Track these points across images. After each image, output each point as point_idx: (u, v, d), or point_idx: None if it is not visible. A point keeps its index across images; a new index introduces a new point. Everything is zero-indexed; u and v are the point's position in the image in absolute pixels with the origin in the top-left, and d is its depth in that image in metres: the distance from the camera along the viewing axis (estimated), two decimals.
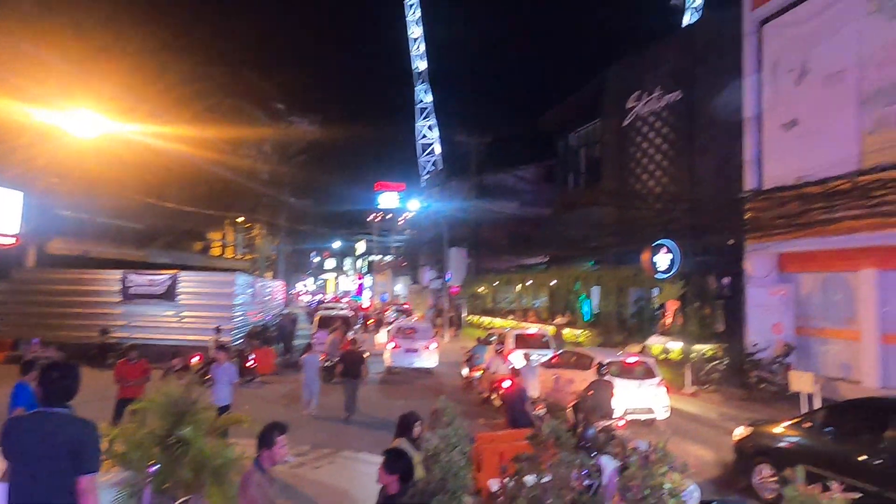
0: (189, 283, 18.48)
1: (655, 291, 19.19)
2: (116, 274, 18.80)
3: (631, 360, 12.17)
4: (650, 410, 11.12)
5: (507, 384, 10.71)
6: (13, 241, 17.38)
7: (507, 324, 25.99)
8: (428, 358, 17.95)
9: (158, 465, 4.46)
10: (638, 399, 11.05)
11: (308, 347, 14.10)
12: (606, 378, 9.86)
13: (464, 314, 34.09)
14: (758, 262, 15.55)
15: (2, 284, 18.75)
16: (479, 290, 33.39)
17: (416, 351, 17.79)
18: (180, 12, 27.37)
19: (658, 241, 16.15)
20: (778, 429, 7.77)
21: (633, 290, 20.15)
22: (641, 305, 20.02)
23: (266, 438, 4.08)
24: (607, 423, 8.19)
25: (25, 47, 16.66)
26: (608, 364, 11.12)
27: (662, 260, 16.06)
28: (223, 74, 30.81)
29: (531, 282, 27.75)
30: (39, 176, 19.96)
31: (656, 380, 11.47)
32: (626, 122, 21.89)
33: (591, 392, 8.95)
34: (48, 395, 3.38)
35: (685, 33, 19.83)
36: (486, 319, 30.18)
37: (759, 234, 15.19)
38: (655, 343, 17.17)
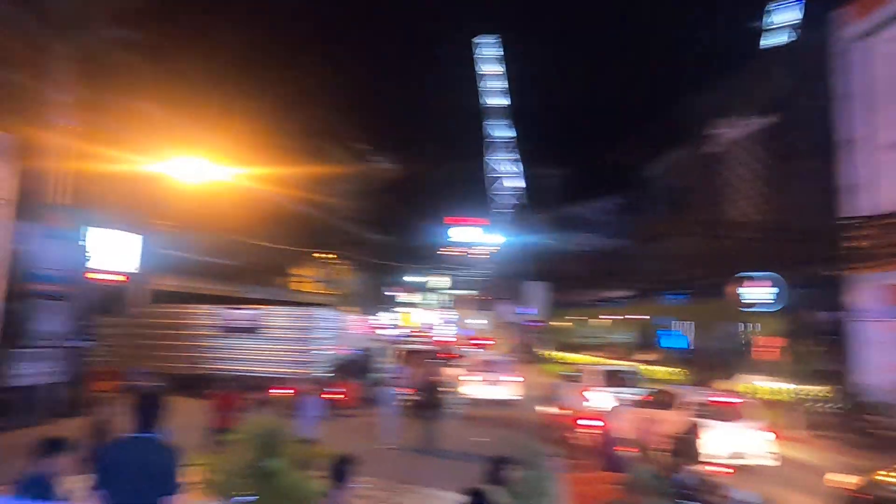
0: (277, 317, 19.22)
1: (753, 326, 18.00)
2: (213, 309, 19.89)
3: (728, 400, 11.37)
4: (752, 456, 10.27)
5: (594, 423, 10.32)
6: (126, 278, 18.96)
7: (589, 359, 25.16)
8: (510, 391, 18.09)
9: (252, 497, 4.58)
10: (737, 443, 10.26)
11: (387, 380, 14.27)
12: (701, 419, 9.25)
13: (545, 349, 33.39)
14: (866, 294, 14.25)
15: (116, 318, 20.33)
16: (561, 324, 32.67)
17: (498, 383, 18.11)
18: (270, 65, 29.45)
19: (751, 273, 15.23)
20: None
21: (726, 324, 19.00)
22: (736, 341, 18.81)
23: (342, 472, 4.03)
24: (704, 468, 7.65)
25: (138, 105, 18.44)
26: (702, 404, 10.47)
27: (756, 292, 15.10)
28: (311, 118, 32.66)
29: (614, 316, 26.85)
30: (151, 219, 21.76)
31: (758, 423, 10.62)
32: (711, 149, 21.05)
33: (686, 434, 8.40)
34: (141, 422, 3.65)
35: (775, 55, 19.00)
36: (568, 355, 29.38)
37: (867, 263, 13.97)
38: (754, 382, 16.00)
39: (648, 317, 23.94)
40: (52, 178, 15.20)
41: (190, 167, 16.99)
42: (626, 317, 25.89)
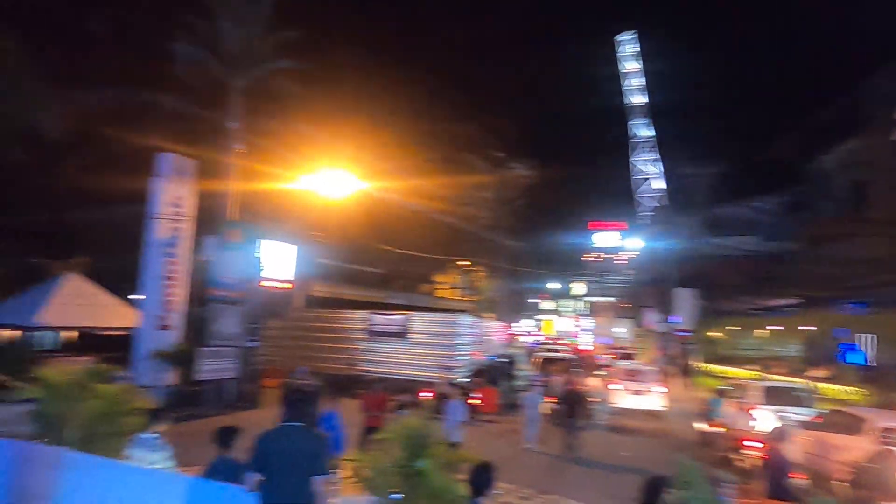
0: (420, 323, 19.91)
1: None
2: (362, 314, 21.13)
3: None
4: None
5: (760, 444, 9.43)
6: (289, 286, 20.83)
7: (747, 374, 22.96)
8: (654, 400, 17.59)
9: (401, 495, 4.76)
10: None
11: (529, 387, 14.24)
12: (892, 448, 8.02)
13: (693, 360, 31.09)
14: None
15: (277, 322, 22.43)
16: (713, 334, 30.22)
17: (642, 393, 17.58)
18: (411, 79, 30.85)
19: None
20: None
21: None
22: None
23: (484, 479, 4.02)
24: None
25: (302, 128, 20.27)
26: (892, 430, 9.09)
27: None
28: (449, 130, 33.67)
29: (778, 327, 24.28)
30: (305, 231, 23.77)
31: None
32: None
33: (874, 464, 7.32)
34: (290, 412, 4.22)
35: None
36: (722, 368, 27.09)
37: None
38: None
39: (817, 328, 21.30)
40: (226, 195, 17.20)
41: (339, 181, 18.33)
42: (791, 327, 23.25)
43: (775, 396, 13.13)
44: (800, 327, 22.32)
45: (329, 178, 18.21)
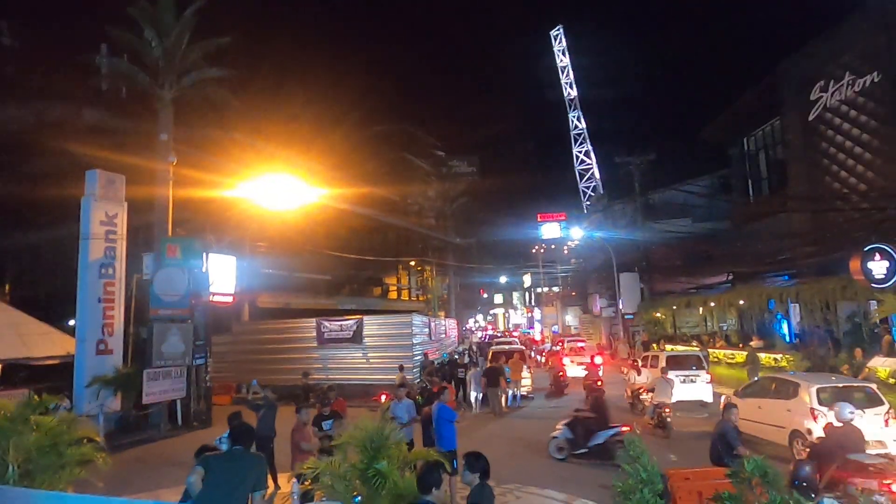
0: (372, 326, 19.84)
1: (874, 304, 16.51)
2: (312, 322, 20.85)
3: (849, 384, 10.52)
4: (883, 444, 9.42)
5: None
6: (231, 299, 20.31)
7: (689, 349, 24.05)
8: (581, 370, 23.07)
9: (360, 497, 4.80)
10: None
11: (473, 365, 18.56)
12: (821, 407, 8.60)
13: (635, 341, 32.28)
14: None
15: (224, 336, 21.85)
16: (656, 315, 31.40)
17: (583, 364, 22.52)
18: (348, 84, 30.62)
19: (870, 246, 14.00)
20: None
21: (844, 304, 17.52)
22: (856, 322, 17.30)
23: (432, 478, 3.88)
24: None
25: (238, 137, 19.74)
26: (824, 390, 9.83)
27: (878, 267, 13.84)
28: (390, 133, 33.58)
29: (714, 304, 25.48)
30: (247, 242, 23.21)
31: (883, 408, 9.74)
32: (812, 116, 19.54)
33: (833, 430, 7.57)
34: (234, 438, 4.77)
35: (876, 7, 17.28)
36: (668, 346, 28.23)
37: None
38: (882, 365, 14.65)
39: (749, 301, 22.49)
40: (163, 210, 16.62)
41: (280, 189, 18.01)
42: (726, 303, 24.45)
43: (676, 362, 16.39)
44: (735, 301, 23.51)
45: (270, 187, 17.87)
